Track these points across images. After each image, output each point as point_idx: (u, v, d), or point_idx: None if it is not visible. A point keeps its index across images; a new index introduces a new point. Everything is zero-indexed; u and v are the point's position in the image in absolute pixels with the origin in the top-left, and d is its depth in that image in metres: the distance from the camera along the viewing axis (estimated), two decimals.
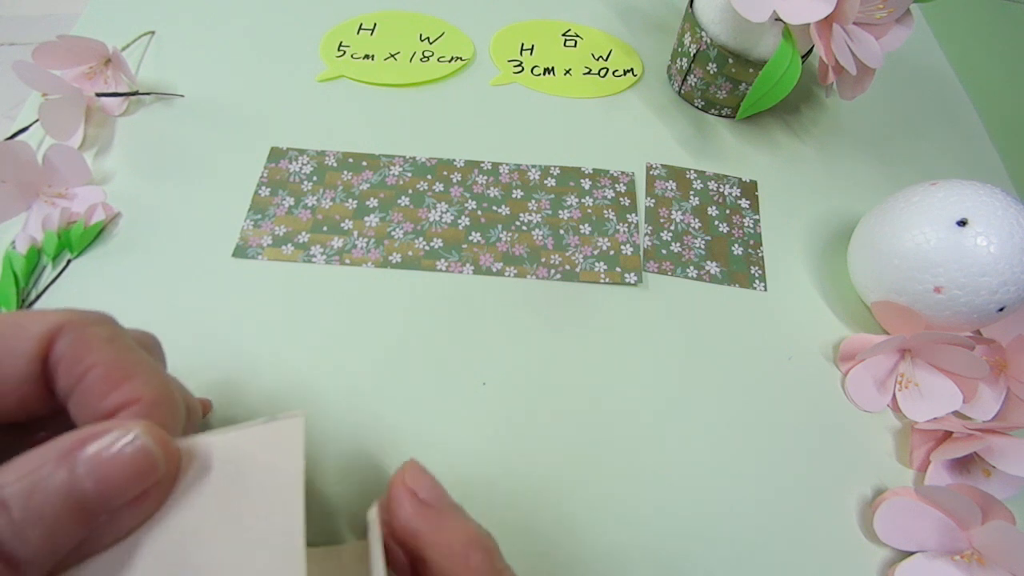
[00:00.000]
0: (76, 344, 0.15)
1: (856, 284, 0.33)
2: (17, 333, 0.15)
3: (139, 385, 0.15)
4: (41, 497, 0.13)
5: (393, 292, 0.31)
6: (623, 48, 0.43)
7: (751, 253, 0.34)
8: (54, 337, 0.15)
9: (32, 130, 0.35)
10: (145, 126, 0.36)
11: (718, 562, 0.26)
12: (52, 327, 0.15)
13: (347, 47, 0.40)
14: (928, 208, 0.29)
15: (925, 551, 0.26)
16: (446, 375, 0.29)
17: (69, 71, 0.36)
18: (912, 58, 0.45)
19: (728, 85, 0.37)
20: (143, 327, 0.29)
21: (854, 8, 0.31)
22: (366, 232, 0.33)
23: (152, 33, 0.40)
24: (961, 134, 0.42)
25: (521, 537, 0.26)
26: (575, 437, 0.28)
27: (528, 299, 0.31)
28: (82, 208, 0.32)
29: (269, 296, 0.31)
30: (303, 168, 0.35)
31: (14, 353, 0.15)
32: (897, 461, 0.29)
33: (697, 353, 0.31)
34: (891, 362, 0.31)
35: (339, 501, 0.26)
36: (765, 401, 0.30)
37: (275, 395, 0.28)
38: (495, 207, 0.34)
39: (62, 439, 0.14)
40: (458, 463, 0.27)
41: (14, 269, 0.29)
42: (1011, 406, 0.30)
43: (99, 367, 0.15)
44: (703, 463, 0.28)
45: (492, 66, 0.41)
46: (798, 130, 0.40)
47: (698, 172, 0.37)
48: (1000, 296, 0.27)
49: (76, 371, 0.15)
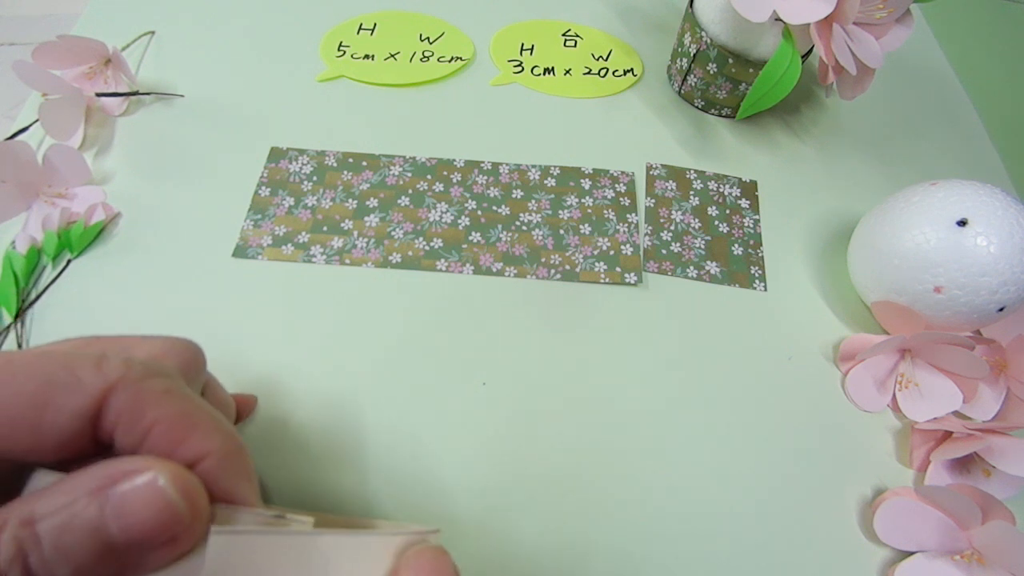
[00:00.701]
0: (134, 401, 0.14)
1: (856, 284, 0.33)
2: (70, 384, 0.14)
3: (205, 438, 0.15)
4: (70, 536, 0.12)
5: (393, 292, 0.31)
6: (623, 48, 0.43)
7: (751, 253, 0.34)
8: (108, 393, 0.14)
9: (32, 130, 0.35)
10: (145, 126, 0.36)
11: (718, 562, 0.26)
12: (107, 384, 0.14)
13: (347, 47, 0.40)
14: (928, 208, 0.29)
15: (925, 551, 0.26)
16: (446, 375, 0.29)
17: (69, 71, 0.36)
18: (912, 58, 0.45)
19: (728, 85, 0.37)
20: (143, 327, 0.29)
21: (854, 8, 0.31)
22: (366, 232, 0.33)
23: (152, 33, 0.40)
24: (961, 134, 0.42)
25: (521, 537, 0.26)
26: (575, 437, 0.28)
27: (528, 299, 0.31)
28: (82, 208, 0.32)
29: (269, 296, 0.31)
30: (303, 168, 0.35)
31: (62, 408, 0.14)
32: (897, 461, 0.29)
33: (697, 353, 0.31)
34: (891, 362, 0.31)
35: (338, 501, 0.26)
36: (765, 401, 0.30)
37: (275, 395, 0.28)
38: (495, 207, 0.34)
39: (97, 470, 0.13)
40: (458, 463, 0.27)
41: (14, 269, 0.29)
42: (1011, 406, 0.30)
43: (161, 424, 0.15)
44: (703, 463, 0.28)
45: (492, 66, 0.41)
46: (798, 130, 0.40)
47: (698, 172, 0.37)
48: (1000, 296, 0.27)
49: (137, 430, 0.14)
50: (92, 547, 0.12)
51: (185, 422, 0.15)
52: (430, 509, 0.26)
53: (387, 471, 0.26)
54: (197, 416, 0.15)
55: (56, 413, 0.14)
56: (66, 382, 0.14)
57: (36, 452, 0.14)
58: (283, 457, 0.26)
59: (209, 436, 0.15)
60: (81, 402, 0.14)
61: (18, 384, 0.14)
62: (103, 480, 0.13)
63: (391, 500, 0.26)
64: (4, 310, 0.29)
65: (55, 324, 0.29)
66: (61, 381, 0.14)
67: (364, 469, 0.26)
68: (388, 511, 0.26)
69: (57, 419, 0.14)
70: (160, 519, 0.13)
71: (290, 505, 0.25)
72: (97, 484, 0.13)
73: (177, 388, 0.15)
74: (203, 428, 0.15)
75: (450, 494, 0.26)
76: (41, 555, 0.12)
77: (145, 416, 0.14)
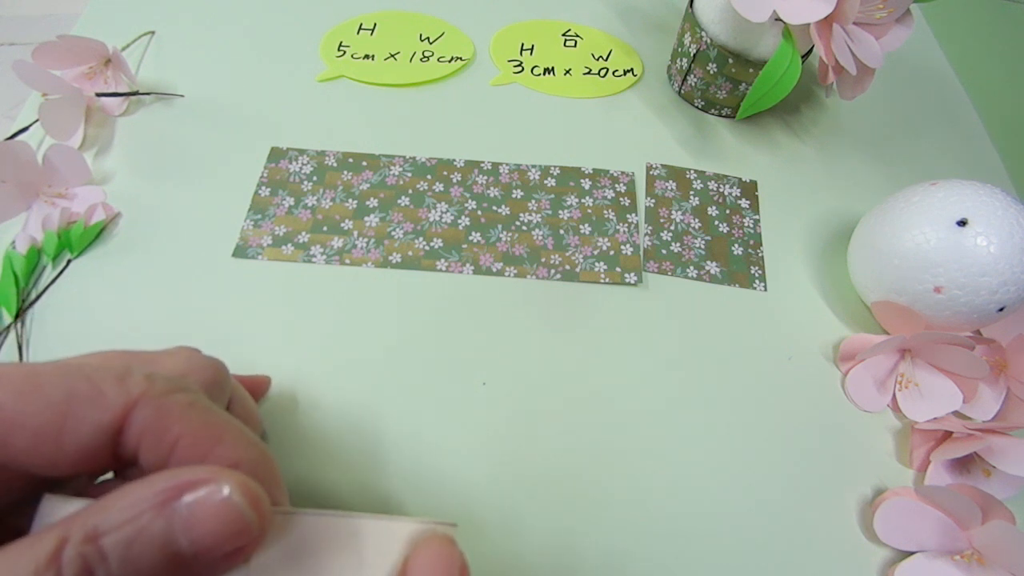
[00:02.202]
0: (157, 416, 0.14)
1: (856, 284, 0.33)
2: (93, 398, 0.14)
3: (232, 449, 0.15)
4: (139, 550, 0.12)
5: (393, 292, 0.31)
6: (623, 48, 0.43)
7: (751, 253, 0.34)
8: (130, 408, 0.14)
9: (32, 130, 0.35)
10: (145, 126, 0.36)
11: (718, 562, 0.26)
12: (130, 399, 0.14)
13: (347, 47, 0.40)
14: (928, 208, 0.29)
15: (925, 551, 0.26)
16: (446, 375, 0.29)
17: (69, 71, 0.36)
18: (912, 58, 0.45)
19: (728, 85, 0.37)
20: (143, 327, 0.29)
21: (854, 8, 0.31)
22: (366, 232, 0.33)
23: (152, 33, 0.40)
24: (961, 134, 0.42)
25: (520, 537, 0.26)
26: (575, 437, 0.28)
27: (528, 299, 0.31)
28: (82, 208, 0.32)
29: (269, 296, 0.31)
30: (303, 168, 0.35)
31: (84, 422, 0.14)
32: (897, 461, 0.29)
33: (697, 353, 0.31)
34: (891, 362, 0.31)
35: (337, 501, 0.26)
36: (765, 401, 0.30)
37: (275, 395, 0.28)
38: (495, 207, 0.34)
39: (159, 481, 0.13)
40: (458, 463, 0.27)
41: (14, 269, 0.29)
42: (1011, 406, 0.30)
43: (186, 438, 0.14)
44: (703, 463, 0.28)
45: (492, 66, 0.41)
46: (798, 130, 0.40)
47: (698, 172, 0.37)
48: (1000, 296, 0.27)
49: (163, 445, 0.14)
50: (161, 561, 0.12)
51: (210, 435, 0.15)
52: (430, 509, 0.26)
53: (387, 471, 0.26)
54: (222, 429, 0.15)
55: (78, 426, 0.14)
56: (89, 396, 0.14)
57: (56, 466, 0.14)
58: (283, 457, 0.26)
59: (236, 448, 0.15)
60: (104, 416, 0.14)
61: (42, 396, 0.14)
62: (168, 493, 0.13)
63: (391, 499, 0.26)
64: (4, 310, 0.29)
65: (55, 324, 0.29)
66: (84, 395, 0.14)
67: (364, 469, 0.26)
68: (388, 511, 0.26)
69: (79, 433, 0.14)
70: (231, 530, 0.13)
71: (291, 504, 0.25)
72: (163, 497, 0.13)
73: (200, 402, 0.15)
74: (229, 440, 0.15)
75: (450, 494, 0.26)
76: (108, 570, 0.12)
77: (170, 431, 0.14)
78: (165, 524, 0.12)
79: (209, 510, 0.13)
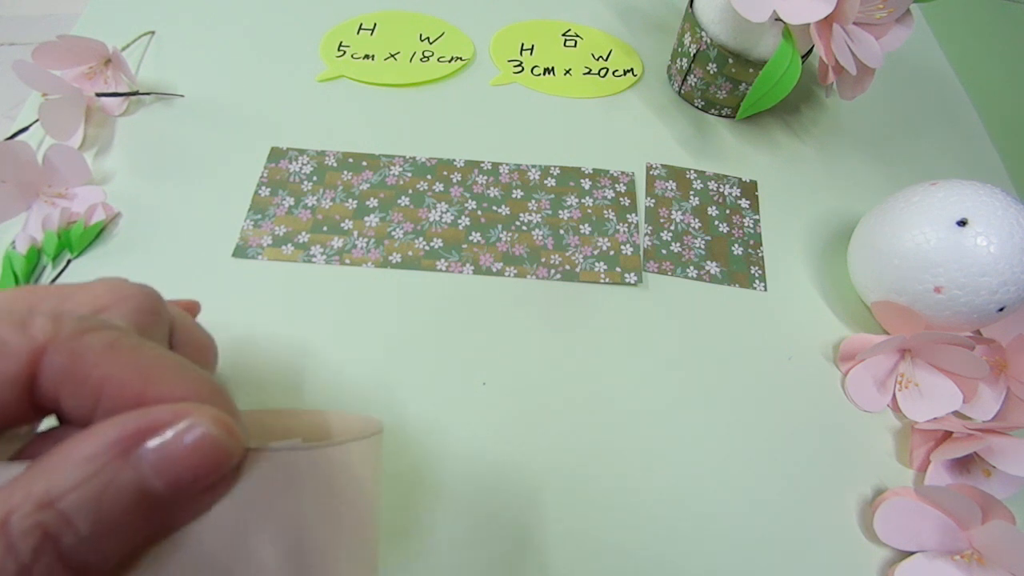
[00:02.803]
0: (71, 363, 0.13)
1: (856, 284, 0.33)
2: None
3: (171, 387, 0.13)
4: (110, 504, 0.11)
5: (393, 292, 0.31)
6: (623, 48, 0.43)
7: (751, 253, 0.34)
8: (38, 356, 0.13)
9: (32, 130, 0.35)
10: (145, 126, 0.36)
11: (718, 561, 0.26)
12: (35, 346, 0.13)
13: (347, 47, 0.40)
14: (928, 208, 0.29)
15: (925, 551, 0.26)
16: (446, 375, 0.29)
17: (69, 71, 0.36)
18: (912, 58, 0.45)
19: (728, 85, 0.37)
20: None
21: (854, 8, 0.31)
22: (366, 232, 0.33)
23: (152, 33, 0.40)
24: (961, 134, 0.42)
25: (521, 536, 0.26)
26: (575, 437, 0.28)
27: (528, 299, 0.31)
28: (82, 208, 0.32)
29: (269, 296, 0.31)
30: (303, 168, 0.35)
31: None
32: (897, 461, 0.29)
33: (697, 353, 0.31)
34: (891, 362, 0.31)
35: None
36: (765, 401, 0.30)
37: (275, 395, 0.28)
38: (495, 207, 0.34)
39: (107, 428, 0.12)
40: (458, 463, 0.27)
41: (14, 269, 0.29)
42: (1011, 406, 0.30)
43: (112, 380, 0.13)
44: (703, 463, 0.28)
45: (492, 66, 0.41)
46: (798, 130, 0.40)
47: (698, 172, 0.37)
48: (1000, 296, 0.27)
49: (85, 393, 0.13)
50: (138, 510, 0.11)
51: (141, 375, 0.13)
52: (430, 509, 0.26)
53: (386, 471, 0.26)
54: (156, 366, 0.13)
55: None
56: None
57: None
58: None
59: (175, 385, 0.13)
60: (8, 367, 0.12)
61: None
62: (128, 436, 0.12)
63: (390, 499, 0.26)
64: None
65: None
66: None
67: None
68: (388, 510, 0.26)
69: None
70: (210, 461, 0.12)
71: None
72: (120, 448, 0.12)
73: (124, 340, 0.14)
74: (167, 377, 0.13)
75: (450, 494, 0.26)
76: (77, 534, 0.11)
77: (90, 376, 0.13)
78: (134, 472, 0.11)
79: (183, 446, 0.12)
